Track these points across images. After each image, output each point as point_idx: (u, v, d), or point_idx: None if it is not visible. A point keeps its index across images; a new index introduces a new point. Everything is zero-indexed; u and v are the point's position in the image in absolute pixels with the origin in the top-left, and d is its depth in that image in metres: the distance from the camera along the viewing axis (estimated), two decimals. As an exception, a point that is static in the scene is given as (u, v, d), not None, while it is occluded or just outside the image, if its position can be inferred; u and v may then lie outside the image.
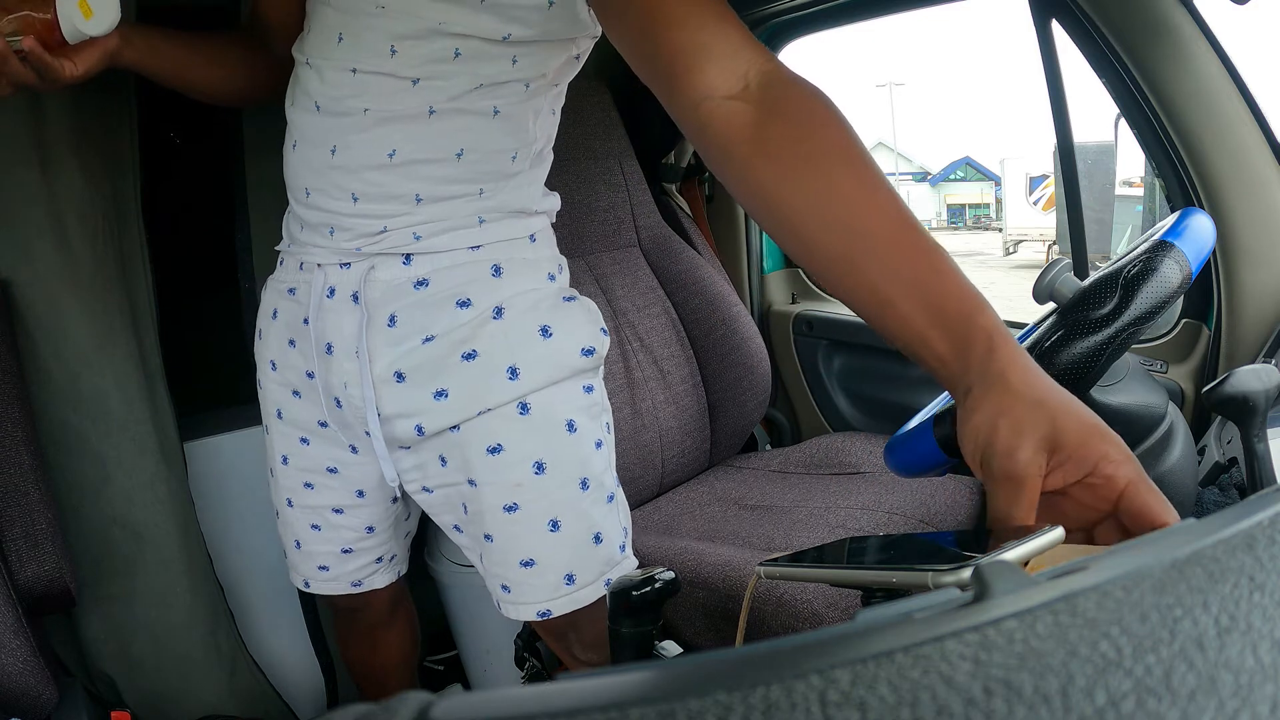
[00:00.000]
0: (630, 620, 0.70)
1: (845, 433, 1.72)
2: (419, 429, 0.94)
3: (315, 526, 1.08)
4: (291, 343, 1.00)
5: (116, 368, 1.17)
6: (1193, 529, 0.24)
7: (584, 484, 0.96)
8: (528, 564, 0.96)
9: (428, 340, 0.92)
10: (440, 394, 0.93)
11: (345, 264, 0.93)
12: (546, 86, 0.93)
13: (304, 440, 1.04)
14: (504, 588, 0.99)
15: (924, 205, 30.61)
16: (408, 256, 0.92)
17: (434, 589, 1.53)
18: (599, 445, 0.99)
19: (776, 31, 1.83)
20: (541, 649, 1.31)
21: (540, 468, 0.94)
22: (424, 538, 1.50)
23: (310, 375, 0.99)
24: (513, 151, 0.92)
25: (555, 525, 0.95)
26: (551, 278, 0.99)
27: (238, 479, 1.41)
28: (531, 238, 0.98)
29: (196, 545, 1.26)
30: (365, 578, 1.13)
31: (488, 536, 0.97)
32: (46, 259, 1.11)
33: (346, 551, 1.10)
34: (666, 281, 1.67)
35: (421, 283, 0.92)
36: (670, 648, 0.74)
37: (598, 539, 0.98)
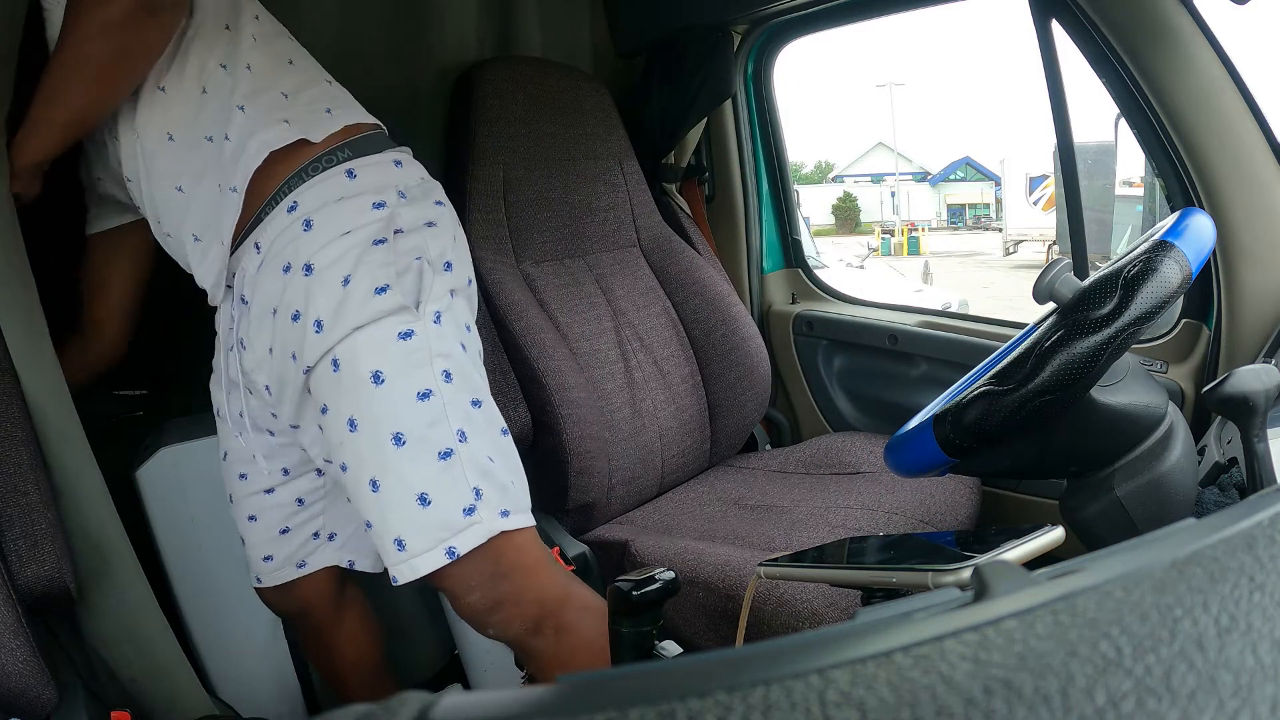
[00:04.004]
0: (630, 620, 0.70)
1: (845, 433, 1.72)
2: (290, 398, 0.99)
3: (252, 517, 1.14)
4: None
5: (46, 375, 1.07)
6: (1193, 529, 0.24)
7: (397, 439, 0.90)
8: (369, 526, 0.94)
9: (274, 313, 0.96)
10: (293, 356, 0.96)
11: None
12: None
13: (237, 434, 1.10)
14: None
15: (924, 205, 30.60)
16: (257, 245, 0.98)
17: (434, 589, 1.53)
18: (424, 396, 0.92)
19: (776, 31, 1.83)
20: (541, 649, 1.31)
21: (353, 425, 0.91)
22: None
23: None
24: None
25: (375, 485, 0.91)
26: (379, 205, 0.96)
27: (214, 485, 1.38)
28: (349, 173, 0.97)
29: (154, 562, 1.25)
30: (308, 556, 1.16)
31: (348, 499, 0.99)
32: None
33: (284, 532, 1.14)
34: (666, 281, 1.67)
35: (261, 258, 0.97)
36: (670, 648, 0.74)
37: (424, 500, 0.90)
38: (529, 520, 0.98)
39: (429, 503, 0.90)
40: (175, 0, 0.90)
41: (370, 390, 0.91)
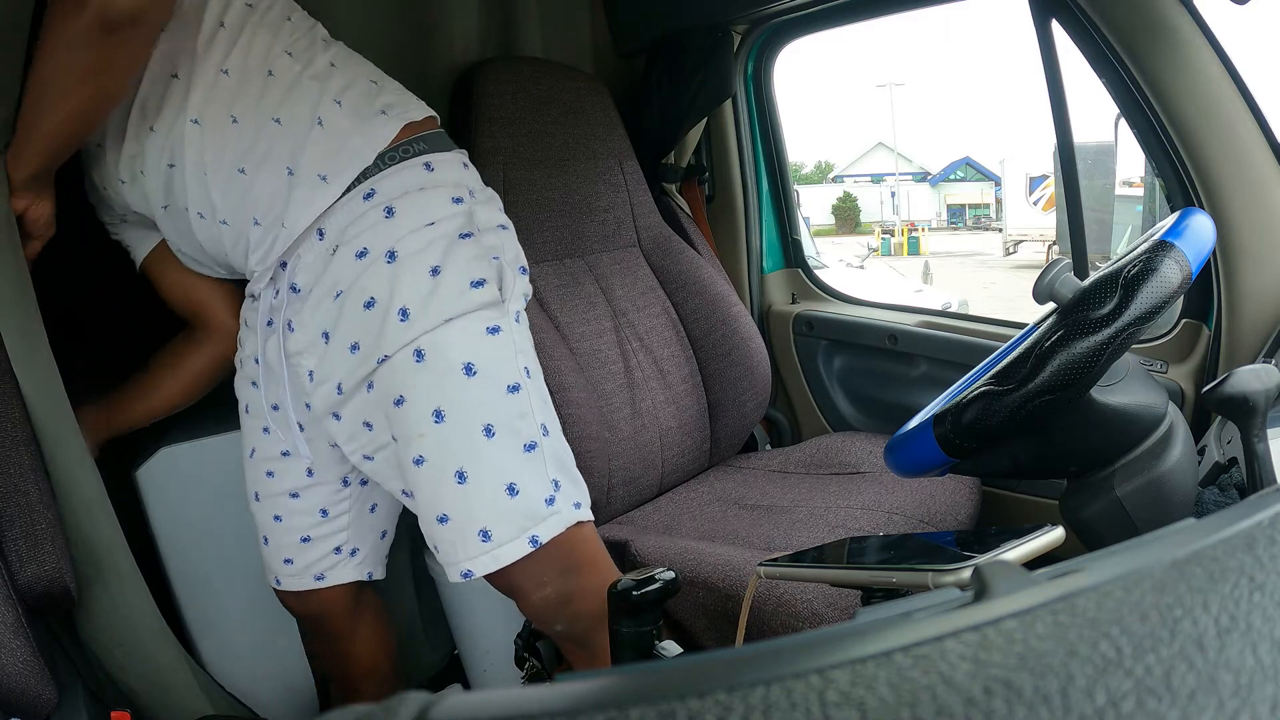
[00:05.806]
0: (630, 620, 0.70)
1: (845, 433, 1.72)
2: (339, 388, 0.96)
3: (277, 517, 1.12)
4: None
5: (42, 377, 1.05)
6: (1193, 529, 0.24)
7: (488, 431, 0.91)
8: (443, 520, 0.93)
9: (338, 296, 0.94)
10: (353, 348, 0.93)
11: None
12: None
13: (265, 430, 1.09)
14: (435, 548, 0.96)
15: (924, 205, 30.59)
16: (320, 231, 0.95)
17: (434, 589, 1.53)
18: (513, 390, 0.93)
19: (776, 31, 1.83)
20: (542, 649, 1.31)
21: (440, 416, 0.90)
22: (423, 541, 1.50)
23: (256, 361, 1.07)
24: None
25: (462, 476, 0.91)
26: (458, 200, 0.96)
27: (224, 483, 1.39)
28: (427, 165, 0.96)
29: (153, 564, 1.24)
30: (327, 570, 1.15)
31: (408, 493, 0.96)
32: None
33: (305, 540, 1.13)
34: (666, 281, 1.67)
35: (326, 244, 0.96)
36: (670, 648, 0.74)
37: (512, 490, 0.91)
38: (591, 515, 1.00)
39: (516, 493, 0.92)
40: (135, 18, 0.83)
41: (462, 381, 0.90)
